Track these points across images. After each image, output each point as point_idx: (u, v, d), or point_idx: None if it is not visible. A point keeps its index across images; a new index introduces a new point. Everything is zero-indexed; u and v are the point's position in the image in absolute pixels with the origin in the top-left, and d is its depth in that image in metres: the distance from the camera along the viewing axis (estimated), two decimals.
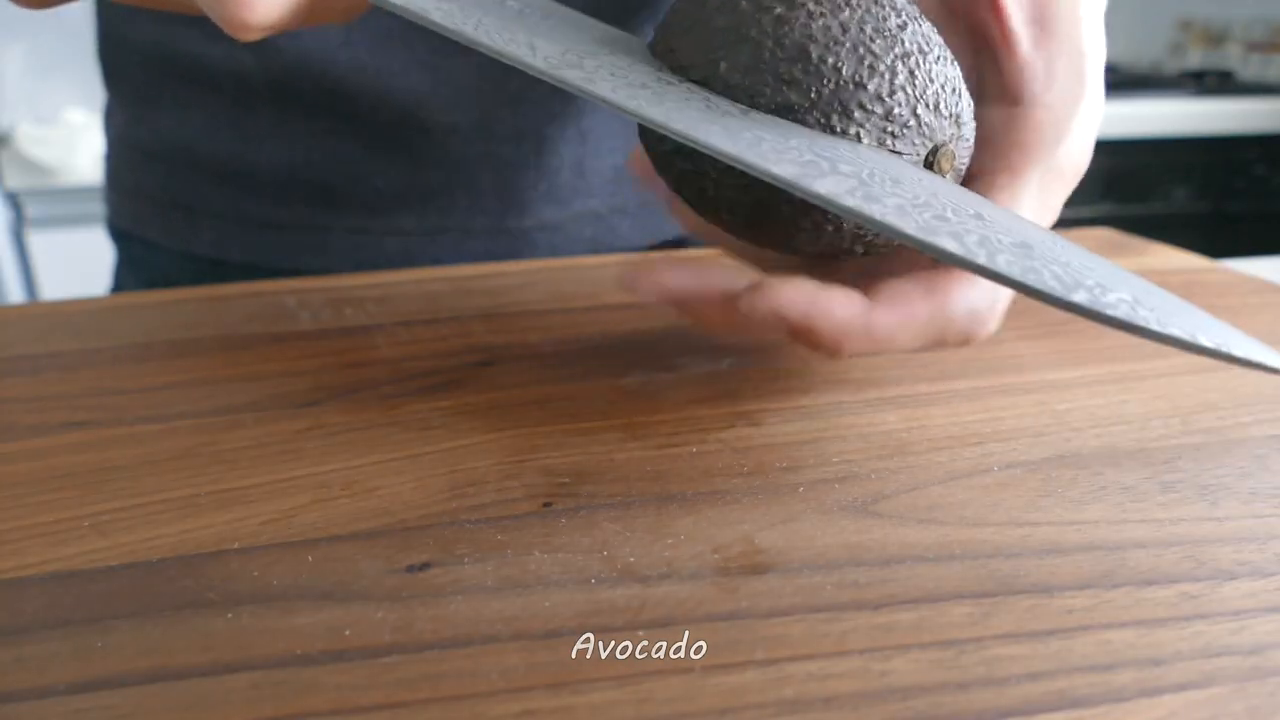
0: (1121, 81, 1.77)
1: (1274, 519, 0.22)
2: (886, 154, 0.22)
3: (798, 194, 0.19)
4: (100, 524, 0.22)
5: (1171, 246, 0.45)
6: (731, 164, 0.20)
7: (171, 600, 0.19)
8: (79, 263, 1.29)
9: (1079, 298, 0.17)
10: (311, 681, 0.17)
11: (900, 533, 0.21)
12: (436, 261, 0.45)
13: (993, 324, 0.25)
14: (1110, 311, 0.17)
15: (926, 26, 0.23)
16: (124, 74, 0.46)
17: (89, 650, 0.17)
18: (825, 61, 0.22)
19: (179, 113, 0.44)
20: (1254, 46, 1.96)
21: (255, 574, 0.20)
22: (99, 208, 0.50)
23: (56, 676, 0.17)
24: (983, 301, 0.24)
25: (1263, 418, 0.27)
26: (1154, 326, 0.17)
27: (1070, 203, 0.26)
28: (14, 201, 1.47)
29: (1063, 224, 0.30)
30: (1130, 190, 1.66)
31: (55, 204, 1.46)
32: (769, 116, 0.22)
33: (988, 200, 0.23)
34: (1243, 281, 0.39)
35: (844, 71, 0.22)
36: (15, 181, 1.44)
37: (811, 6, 0.22)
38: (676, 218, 0.30)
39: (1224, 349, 0.18)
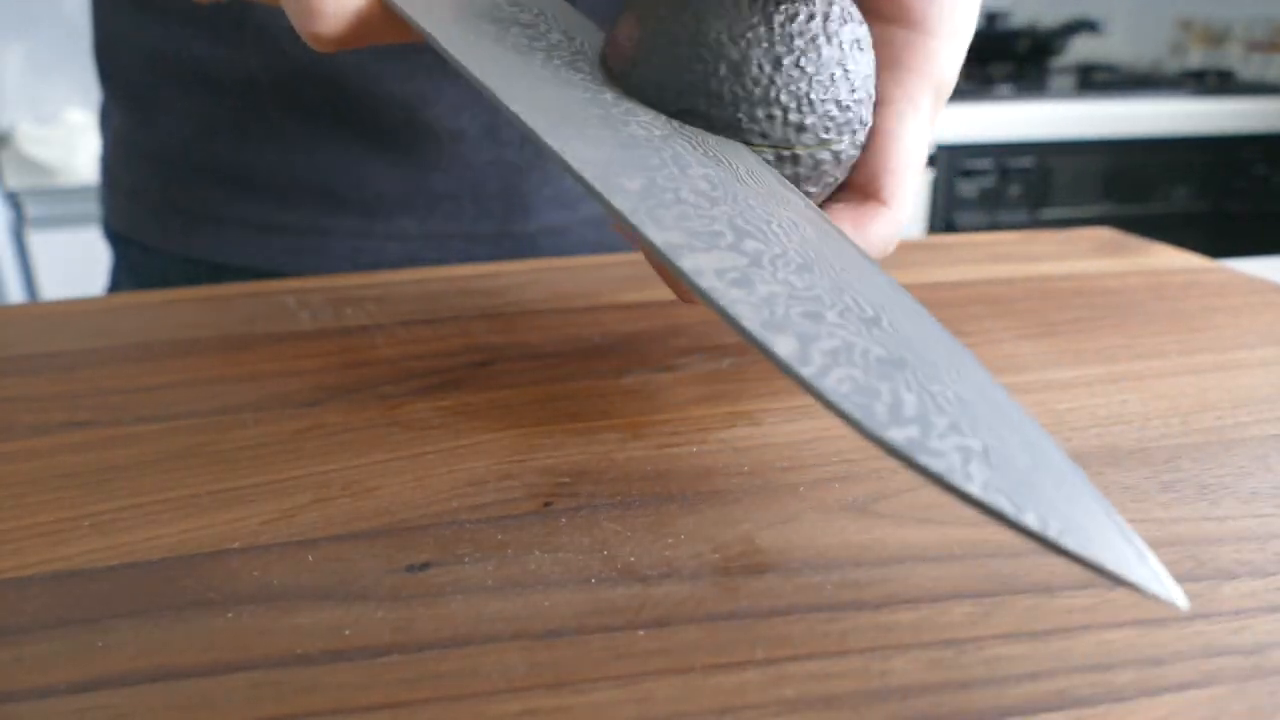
0: (1121, 81, 1.77)
1: (1274, 519, 0.22)
2: (828, 231, 0.21)
3: (670, 268, 0.17)
4: (100, 524, 0.22)
5: (1171, 246, 0.45)
6: (633, 232, 0.18)
7: (171, 600, 0.19)
8: (79, 263, 1.29)
9: (896, 434, 0.14)
10: (311, 681, 0.17)
11: (900, 533, 0.21)
12: (439, 265, 0.45)
13: (895, 243, 0.26)
14: (928, 460, 0.14)
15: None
16: (123, 75, 0.46)
17: (89, 650, 0.17)
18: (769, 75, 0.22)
19: (179, 115, 0.44)
20: (1254, 46, 1.96)
21: (255, 574, 0.20)
22: (98, 208, 0.50)
23: (56, 676, 0.17)
24: (896, 229, 0.25)
25: (1263, 417, 0.27)
26: (974, 490, 0.14)
27: (1070, 202, 0.26)
28: (14, 201, 1.46)
29: (1063, 224, 0.30)
30: (1130, 190, 1.66)
31: (55, 204, 1.46)
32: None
33: (915, 305, 0.19)
34: (1243, 281, 0.39)
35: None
36: (15, 181, 1.44)
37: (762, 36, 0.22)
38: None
39: (1050, 538, 0.14)
